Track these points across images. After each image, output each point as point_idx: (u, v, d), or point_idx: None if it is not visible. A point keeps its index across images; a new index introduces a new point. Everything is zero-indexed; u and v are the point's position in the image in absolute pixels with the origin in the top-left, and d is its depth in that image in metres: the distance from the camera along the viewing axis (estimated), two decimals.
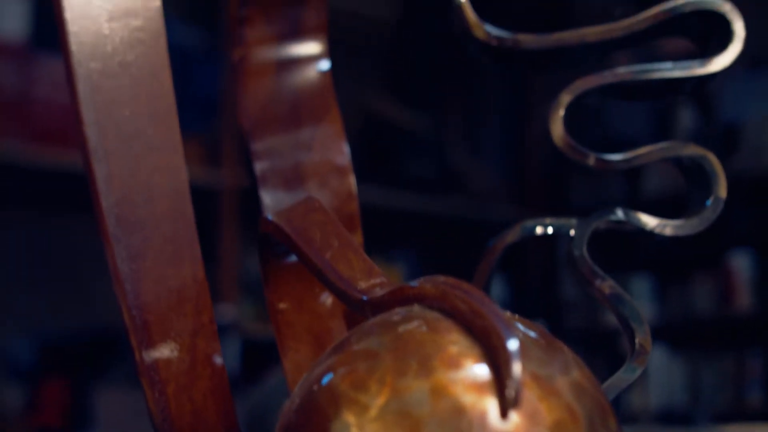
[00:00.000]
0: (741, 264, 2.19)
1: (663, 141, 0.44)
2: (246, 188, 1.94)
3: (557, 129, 0.44)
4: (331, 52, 0.46)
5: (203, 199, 1.94)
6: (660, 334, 2.23)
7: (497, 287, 2.32)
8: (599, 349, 2.32)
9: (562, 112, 0.44)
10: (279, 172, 0.43)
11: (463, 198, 2.40)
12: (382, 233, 1.96)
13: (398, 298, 0.32)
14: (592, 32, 0.44)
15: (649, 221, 0.45)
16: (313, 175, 0.44)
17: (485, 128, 2.57)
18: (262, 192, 0.43)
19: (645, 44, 0.47)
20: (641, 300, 2.28)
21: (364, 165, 2.24)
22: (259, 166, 0.44)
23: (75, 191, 1.10)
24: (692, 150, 0.44)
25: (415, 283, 0.31)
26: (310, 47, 0.46)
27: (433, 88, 2.50)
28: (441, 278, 0.30)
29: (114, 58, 0.36)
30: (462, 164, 2.43)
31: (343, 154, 0.44)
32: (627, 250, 2.21)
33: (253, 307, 2.15)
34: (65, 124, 1.84)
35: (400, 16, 2.35)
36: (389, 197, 2.20)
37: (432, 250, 2.47)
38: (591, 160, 0.44)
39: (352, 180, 0.44)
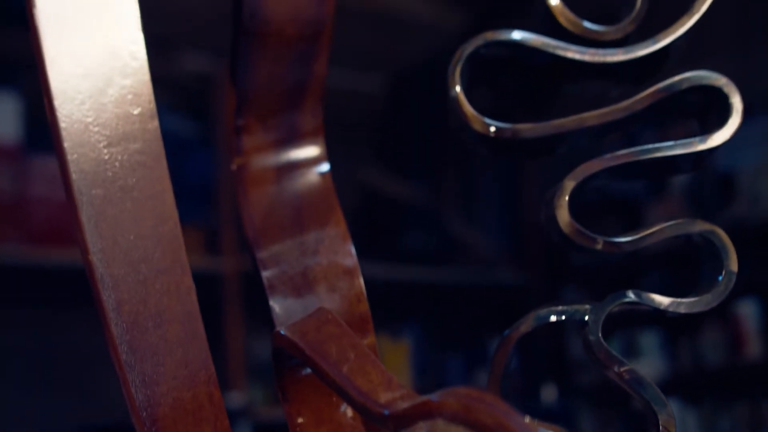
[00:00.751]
0: (748, 312, 2.18)
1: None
2: (248, 272, 1.94)
3: (563, 215, 0.44)
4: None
5: (205, 285, 1.94)
6: (672, 388, 2.21)
7: None
8: (611, 406, 2.30)
9: (567, 199, 0.44)
10: (287, 279, 0.43)
11: (465, 266, 2.40)
12: (387, 308, 1.95)
13: (421, 412, 0.31)
14: (591, 116, 0.44)
15: (663, 301, 0.44)
16: (321, 279, 0.43)
17: (482, 195, 2.57)
18: (271, 301, 0.43)
19: (645, 123, 0.47)
20: (651, 356, 2.27)
21: (363, 240, 2.24)
22: (266, 275, 0.43)
23: (75, 287, 1.09)
24: (701, 226, 0.44)
25: (437, 397, 0.31)
26: (308, 151, 0.46)
27: (427, 158, 2.51)
28: (463, 391, 0.30)
29: (115, 183, 0.36)
30: (461, 232, 2.43)
31: (350, 256, 0.44)
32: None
33: (262, 391, 2.13)
34: (62, 221, 1.84)
35: (391, 90, 2.36)
36: (391, 271, 2.19)
37: (438, 321, 2.46)
38: (599, 245, 0.44)
39: (360, 281, 0.44)
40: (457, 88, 0.44)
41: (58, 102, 0.36)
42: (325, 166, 0.46)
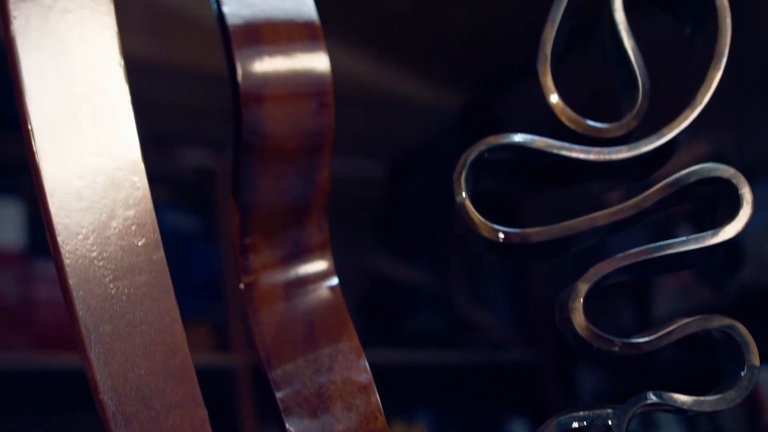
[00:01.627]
0: (765, 378, 2.16)
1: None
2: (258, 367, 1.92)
3: (578, 319, 0.43)
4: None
5: (217, 381, 1.92)
6: None
7: None
8: None
9: (581, 302, 0.43)
10: (302, 400, 0.42)
11: (475, 347, 2.38)
12: (399, 393, 1.93)
13: None
14: (601, 216, 0.44)
15: (685, 400, 0.44)
16: (337, 398, 0.42)
17: (489, 273, 2.56)
18: (287, 424, 0.42)
19: (655, 216, 0.46)
20: (669, 429, 2.24)
21: (371, 326, 2.22)
22: (280, 396, 0.42)
23: (84, 390, 1.08)
24: (720, 321, 0.43)
25: None
26: (316, 266, 0.45)
27: (432, 240, 2.51)
28: None
29: (124, 318, 0.35)
30: (469, 313, 2.42)
31: (365, 371, 0.43)
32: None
33: None
34: (67, 325, 1.83)
35: (392, 174, 2.36)
36: (401, 356, 2.17)
37: (451, 404, 2.44)
38: (617, 347, 0.43)
39: (376, 397, 0.43)
40: (463, 194, 0.44)
41: (61, 238, 0.35)
42: (334, 280, 0.45)
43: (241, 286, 0.45)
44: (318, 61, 0.45)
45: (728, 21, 0.45)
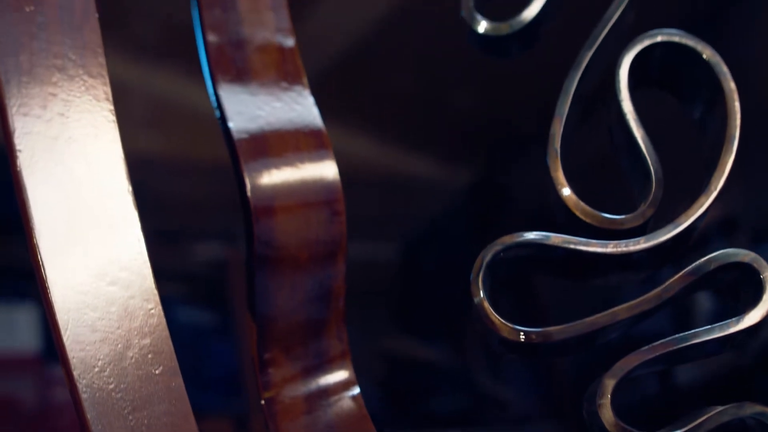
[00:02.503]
0: None
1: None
2: None
3: (607, 414, 0.42)
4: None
5: None
6: None
7: None
8: None
9: (609, 397, 0.42)
10: None
11: (498, 425, 2.35)
12: None
13: None
14: (623, 309, 0.43)
15: None
16: None
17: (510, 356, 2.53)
18: None
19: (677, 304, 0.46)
20: None
21: (392, 410, 2.20)
22: None
23: None
24: (753, 409, 0.42)
25: None
26: (337, 376, 0.44)
27: (449, 319, 2.49)
28: None
29: None
30: (492, 391, 2.39)
31: None
32: None
33: None
34: None
35: (405, 255, 2.36)
36: None
37: None
38: None
39: None
40: (481, 295, 0.43)
41: (77, 372, 0.35)
42: (355, 390, 0.45)
43: (262, 401, 0.44)
44: (327, 170, 0.45)
45: (737, 104, 0.45)
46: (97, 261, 0.37)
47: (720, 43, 0.46)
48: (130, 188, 0.38)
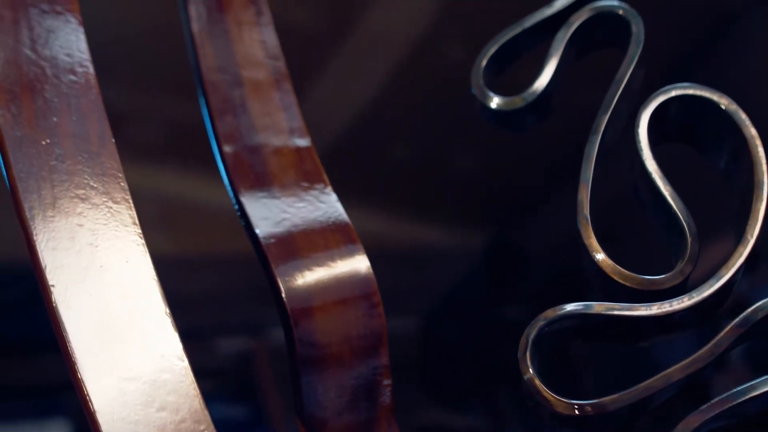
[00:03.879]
0: None
1: None
2: None
3: None
4: None
5: None
6: None
7: None
8: None
9: None
10: None
11: None
12: None
13: None
14: (676, 370, 0.42)
15: None
16: None
17: None
18: None
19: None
20: None
21: None
22: None
23: None
24: None
25: None
26: None
27: (479, 389, 2.47)
28: None
29: None
30: None
31: None
32: None
33: None
34: None
35: (428, 329, 2.34)
36: None
37: None
38: None
39: None
40: (530, 372, 0.43)
41: None
42: None
43: None
44: (359, 264, 0.44)
45: (761, 150, 0.44)
46: (143, 387, 0.36)
47: (735, 91, 0.46)
48: (168, 309, 0.38)
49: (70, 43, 0.43)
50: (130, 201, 0.40)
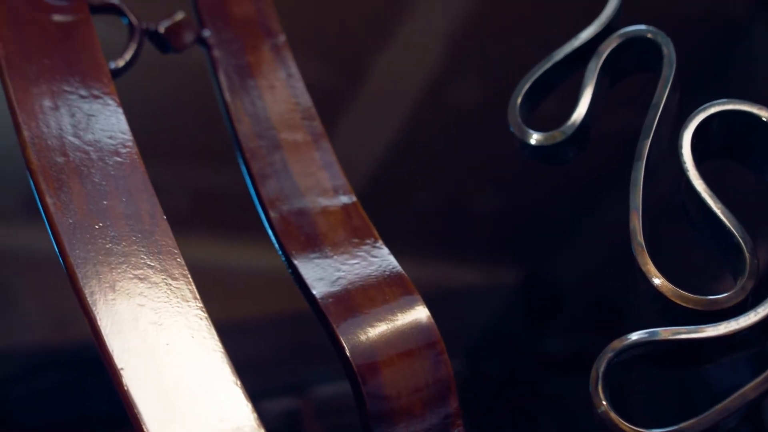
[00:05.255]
0: None
1: None
2: None
3: None
4: None
5: None
6: None
7: None
8: None
9: None
10: None
11: None
12: None
13: None
14: (751, 388, 0.42)
15: None
16: None
17: None
18: None
19: None
20: None
21: None
22: None
23: None
24: None
25: None
26: None
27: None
28: None
29: None
30: None
31: None
32: None
33: None
34: None
35: (483, 369, 2.33)
36: None
37: None
38: None
39: None
40: (603, 404, 0.42)
41: None
42: None
43: None
44: (419, 313, 0.44)
45: None
46: None
47: None
48: (238, 380, 0.37)
49: (111, 125, 0.43)
50: (188, 276, 0.40)
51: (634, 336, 0.43)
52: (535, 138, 0.48)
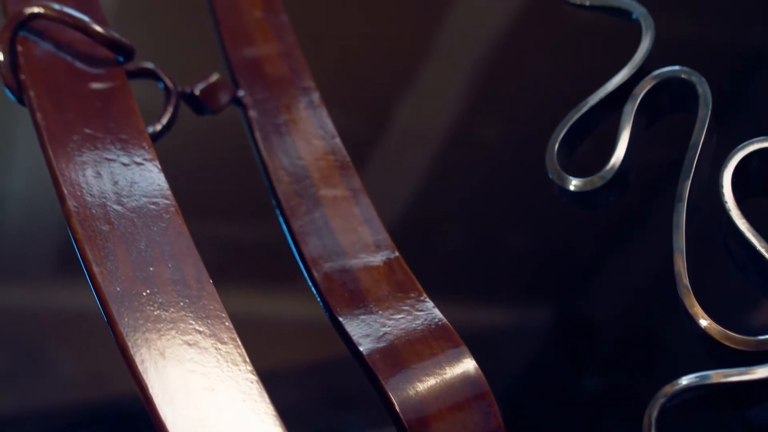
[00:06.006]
0: None
1: None
2: None
3: None
4: None
5: None
6: None
7: None
8: None
9: None
10: None
11: None
12: None
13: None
14: None
15: None
16: None
17: None
18: None
19: None
20: None
21: None
22: None
23: None
24: None
25: None
26: None
27: None
28: None
29: None
30: None
31: None
32: None
33: None
34: None
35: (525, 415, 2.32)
36: None
37: None
38: None
39: None
40: None
41: None
42: None
43: None
44: (467, 365, 0.44)
45: None
46: None
47: None
48: None
49: (154, 191, 0.44)
50: (237, 339, 0.40)
51: (685, 380, 0.42)
52: (574, 184, 0.48)
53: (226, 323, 0.40)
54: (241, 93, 0.52)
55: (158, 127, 0.49)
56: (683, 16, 0.59)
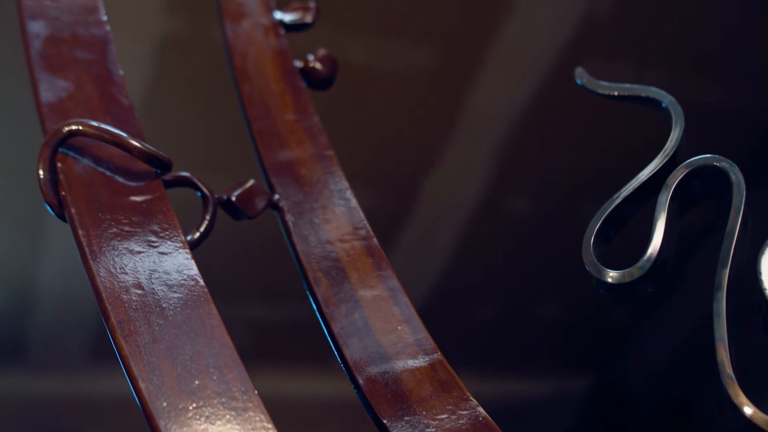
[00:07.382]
0: None
1: None
2: None
3: None
4: None
5: None
6: None
7: None
8: None
9: None
10: None
11: None
12: None
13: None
14: None
15: None
16: None
17: None
18: None
19: None
20: None
21: None
22: None
23: None
24: None
25: None
26: None
27: None
28: None
29: None
30: None
31: None
32: None
33: None
34: None
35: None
36: None
37: None
38: None
39: None
40: None
41: None
42: None
43: None
44: None
45: None
46: None
47: None
48: None
49: (197, 302, 0.44)
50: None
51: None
52: (611, 276, 0.48)
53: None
54: (276, 197, 0.53)
55: (196, 234, 0.50)
56: (712, 100, 0.59)
